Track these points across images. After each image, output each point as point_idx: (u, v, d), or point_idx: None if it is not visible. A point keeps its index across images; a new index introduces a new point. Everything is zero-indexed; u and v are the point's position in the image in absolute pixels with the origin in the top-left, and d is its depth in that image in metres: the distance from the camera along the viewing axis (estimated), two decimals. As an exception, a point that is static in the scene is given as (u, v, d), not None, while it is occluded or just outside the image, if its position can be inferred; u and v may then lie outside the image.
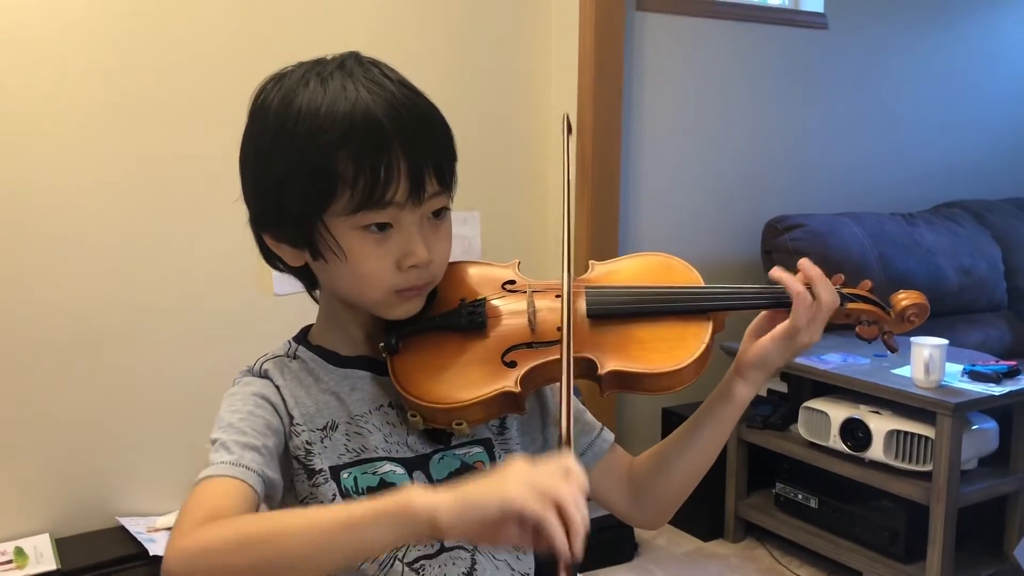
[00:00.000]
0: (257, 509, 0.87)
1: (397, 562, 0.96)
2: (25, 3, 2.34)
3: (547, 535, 0.71)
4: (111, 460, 2.58)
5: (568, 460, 0.77)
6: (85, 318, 2.51)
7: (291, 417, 0.97)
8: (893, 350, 1.07)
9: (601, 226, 3.14)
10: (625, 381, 0.97)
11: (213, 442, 0.92)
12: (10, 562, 2.32)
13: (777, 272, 1.01)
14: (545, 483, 0.73)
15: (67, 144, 2.44)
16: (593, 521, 0.74)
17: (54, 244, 2.45)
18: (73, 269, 2.48)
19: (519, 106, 3.07)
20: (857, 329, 1.06)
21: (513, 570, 1.03)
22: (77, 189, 2.47)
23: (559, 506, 0.72)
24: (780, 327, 0.99)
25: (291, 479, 0.97)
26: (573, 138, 1.13)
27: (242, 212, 1.02)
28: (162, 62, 2.53)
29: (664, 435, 3.59)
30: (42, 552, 2.36)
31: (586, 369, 0.97)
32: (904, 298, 1.05)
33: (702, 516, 2.99)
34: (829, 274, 1.03)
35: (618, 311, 1.01)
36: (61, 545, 2.41)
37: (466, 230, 2.98)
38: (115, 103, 2.48)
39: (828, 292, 0.99)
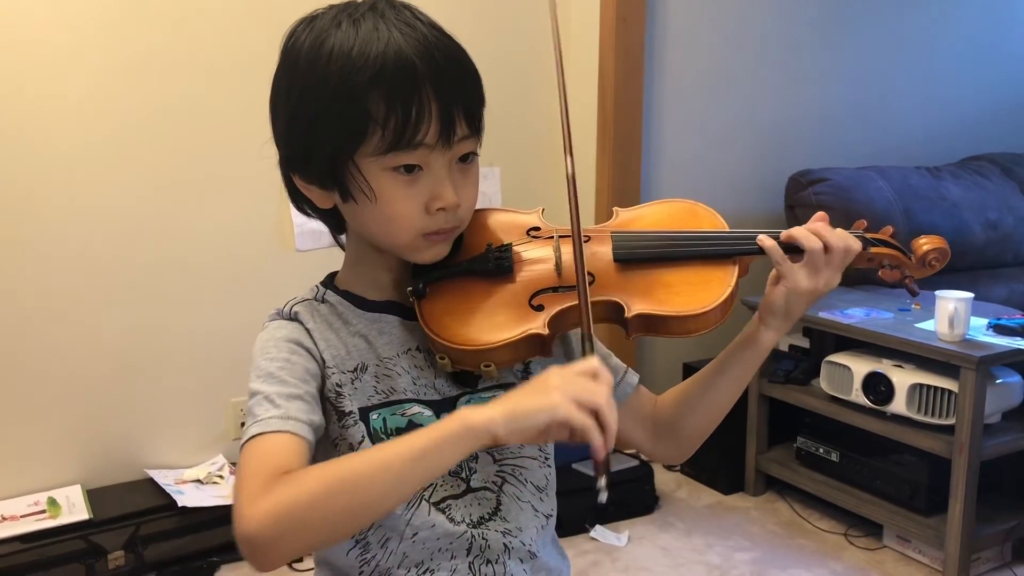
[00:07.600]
0: (310, 457, 0.90)
1: (424, 502, 0.98)
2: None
3: (589, 439, 0.81)
4: (140, 414, 2.63)
5: (594, 362, 0.86)
6: (112, 274, 2.53)
7: (323, 360, 0.98)
8: (914, 294, 1.09)
9: (623, 179, 3.12)
10: (651, 324, 0.98)
11: (254, 393, 0.92)
12: (44, 512, 2.37)
13: (788, 232, 1.01)
14: (583, 391, 0.82)
15: (87, 102, 2.45)
16: (614, 474, 0.77)
17: (82, 201, 2.47)
18: (101, 226, 2.51)
19: (538, 59, 3.04)
20: (880, 273, 1.08)
21: (536, 511, 1.05)
22: (103, 147, 2.48)
23: (597, 412, 0.81)
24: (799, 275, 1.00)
25: (325, 421, 0.98)
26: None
27: (266, 170, 1.02)
28: (180, 14, 2.52)
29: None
30: (74, 502, 2.42)
31: (613, 312, 0.99)
32: (925, 242, 1.06)
33: (723, 470, 3.00)
34: (852, 223, 1.04)
35: (645, 255, 1.02)
36: (92, 496, 2.47)
37: (486, 186, 2.97)
38: (133, 59, 2.48)
39: (837, 237, 1.00)
